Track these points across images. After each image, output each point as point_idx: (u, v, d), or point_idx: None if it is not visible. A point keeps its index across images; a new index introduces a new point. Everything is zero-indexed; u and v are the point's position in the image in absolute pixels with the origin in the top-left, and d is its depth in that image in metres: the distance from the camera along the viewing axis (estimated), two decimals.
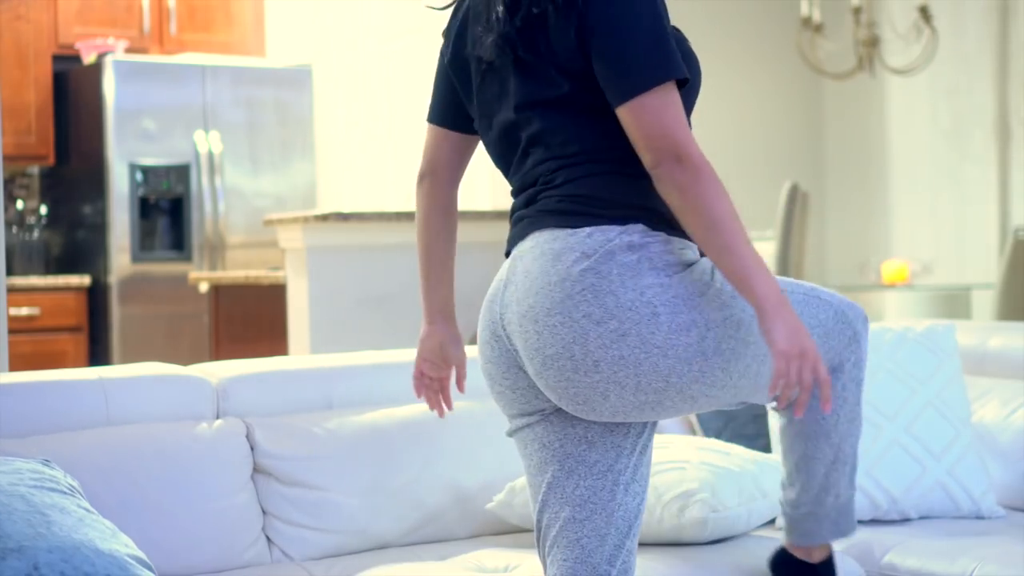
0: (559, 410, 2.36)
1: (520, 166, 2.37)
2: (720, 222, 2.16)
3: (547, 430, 2.38)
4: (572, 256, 2.23)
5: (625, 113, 2.20)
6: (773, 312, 2.14)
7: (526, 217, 2.34)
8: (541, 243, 2.28)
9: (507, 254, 2.40)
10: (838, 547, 2.93)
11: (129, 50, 6.95)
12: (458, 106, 2.49)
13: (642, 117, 2.19)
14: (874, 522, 3.15)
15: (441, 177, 2.69)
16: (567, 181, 2.29)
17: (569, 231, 2.25)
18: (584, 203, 2.26)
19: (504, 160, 2.42)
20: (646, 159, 2.20)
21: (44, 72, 6.86)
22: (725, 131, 8.07)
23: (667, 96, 2.20)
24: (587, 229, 2.24)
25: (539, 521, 2.40)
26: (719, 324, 2.22)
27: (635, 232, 2.24)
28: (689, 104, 2.35)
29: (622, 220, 2.24)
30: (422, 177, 2.72)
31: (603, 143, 2.28)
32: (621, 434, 2.37)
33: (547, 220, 2.29)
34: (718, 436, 3.32)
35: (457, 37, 2.42)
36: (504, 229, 2.46)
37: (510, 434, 2.45)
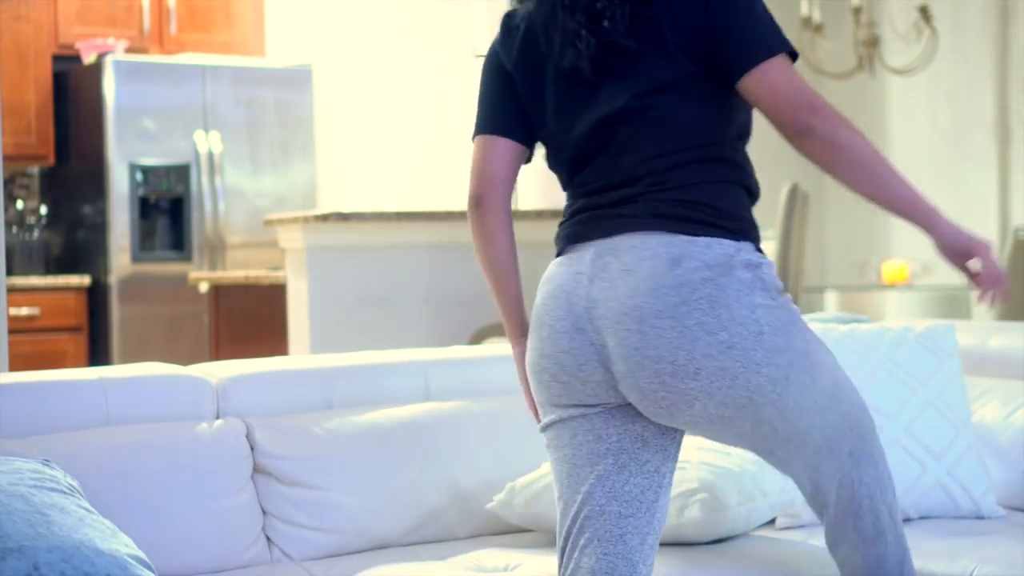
0: (622, 405, 2.39)
1: (608, 165, 2.40)
2: (870, 157, 2.29)
3: (606, 423, 2.40)
4: (693, 264, 2.28)
5: (757, 76, 2.31)
6: (946, 223, 2.32)
7: (620, 216, 2.36)
8: (652, 245, 2.31)
9: (560, 250, 2.44)
10: None
11: (129, 50, 6.95)
12: (517, 115, 2.50)
13: (774, 78, 2.30)
14: None
15: (501, 192, 2.61)
16: (682, 185, 2.34)
17: (687, 238, 2.31)
18: (702, 211, 2.33)
19: (582, 160, 2.44)
20: (783, 118, 2.31)
21: (44, 72, 6.86)
22: None
23: (788, 63, 2.33)
24: (706, 240, 2.30)
25: (578, 512, 2.41)
26: (801, 356, 2.31)
27: (749, 250, 2.32)
28: None
29: (735, 235, 2.33)
30: (480, 196, 2.62)
31: (717, 137, 2.37)
32: (670, 438, 2.43)
33: (657, 223, 2.33)
34: None
35: (524, 44, 2.44)
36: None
37: (550, 424, 2.45)
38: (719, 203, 2.34)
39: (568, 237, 2.46)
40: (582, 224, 2.43)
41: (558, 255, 2.47)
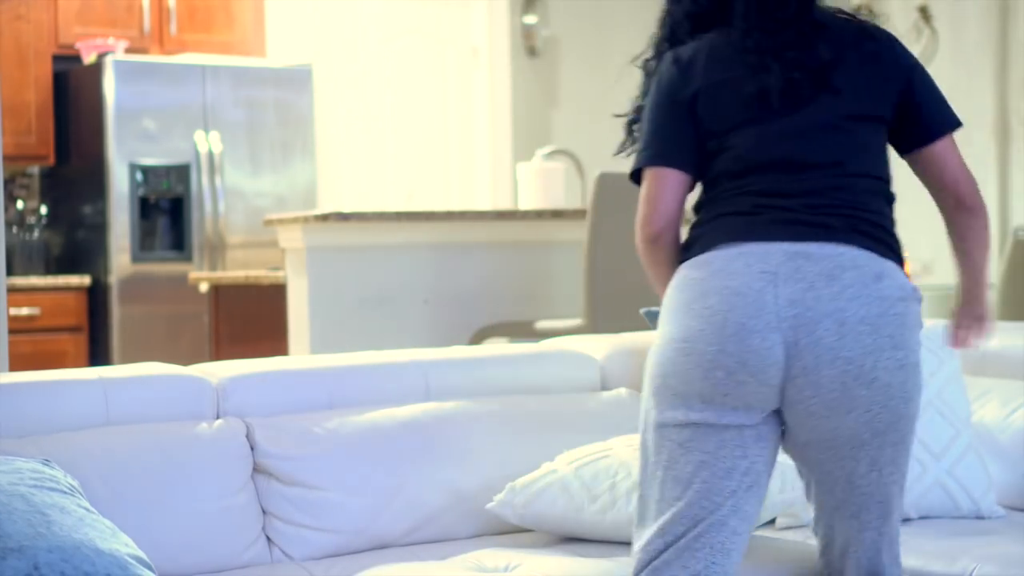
0: (767, 424, 2.51)
1: (799, 173, 2.52)
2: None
3: (756, 443, 2.52)
4: (891, 283, 2.47)
5: (942, 147, 2.60)
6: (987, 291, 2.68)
7: (813, 224, 2.48)
8: (854, 257, 2.46)
9: (714, 244, 2.50)
10: None
11: (129, 50, 6.95)
12: (691, 150, 2.59)
13: (954, 152, 2.60)
14: None
15: (676, 228, 2.65)
16: (876, 210, 2.54)
17: (881, 258, 2.50)
18: (891, 239, 2.54)
19: (767, 167, 2.53)
20: (960, 189, 2.61)
21: (44, 72, 6.86)
22: None
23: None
24: (894, 265, 2.51)
25: (698, 518, 2.49)
26: (918, 409, 2.56)
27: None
28: None
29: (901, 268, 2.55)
30: (658, 234, 2.62)
31: (889, 179, 2.61)
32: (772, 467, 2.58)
33: (857, 239, 2.49)
34: None
35: (708, 71, 2.56)
36: (501, 229, 2.48)
37: (697, 424, 2.48)
38: (894, 237, 2.56)
39: (734, 233, 2.50)
40: (757, 225, 2.49)
41: (710, 248, 2.51)
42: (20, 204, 7.01)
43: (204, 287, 5.72)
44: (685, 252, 2.58)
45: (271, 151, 7.07)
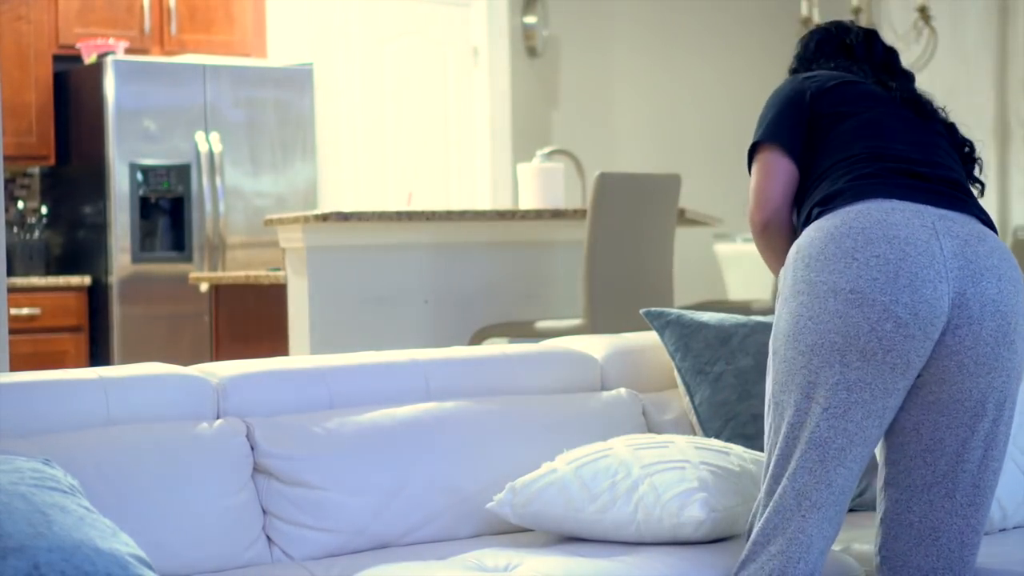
0: (906, 389, 2.58)
1: (931, 160, 2.69)
2: None
3: (893, 409, 2.60)
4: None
5: None
6: None
7: (952, 196, 2.63)
8: (984, 229, 2.62)
9: (859, 195, 2.61)
10: (837, 546, 2.94)
11: (130, 50, 6.95)
12: (803, 146, 2.76)
13: None
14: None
15: (786, 213, 2.81)
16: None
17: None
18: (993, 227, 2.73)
19: (905, 151, 2.69)
20: None
21: (45, 72, 6.86)
22: (725, 132, 8.07)
23: None
24: None
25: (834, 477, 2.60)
26: None
27: None
28: None
29: None
30: (768, 221, 2.79)
31: None
32: None
33: (983, 217, 2.65)
34: (718, 436, 3.33)
35: (832, 77, 2.83)
36: (502, 229, 2.48)
37: (839, 386, 2.54)
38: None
39: (883, 190, 2.59)
40: (904, 188, 2.60)
41: (859, 200, 2.58)
42: (20, 204, 7.01)
43: (204, 287, 5.72)
44: (821, 207, 2.63)
45: (271, 151, 7.07)
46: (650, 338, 3.55)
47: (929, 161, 2.69)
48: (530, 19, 7.96)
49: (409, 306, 5.30)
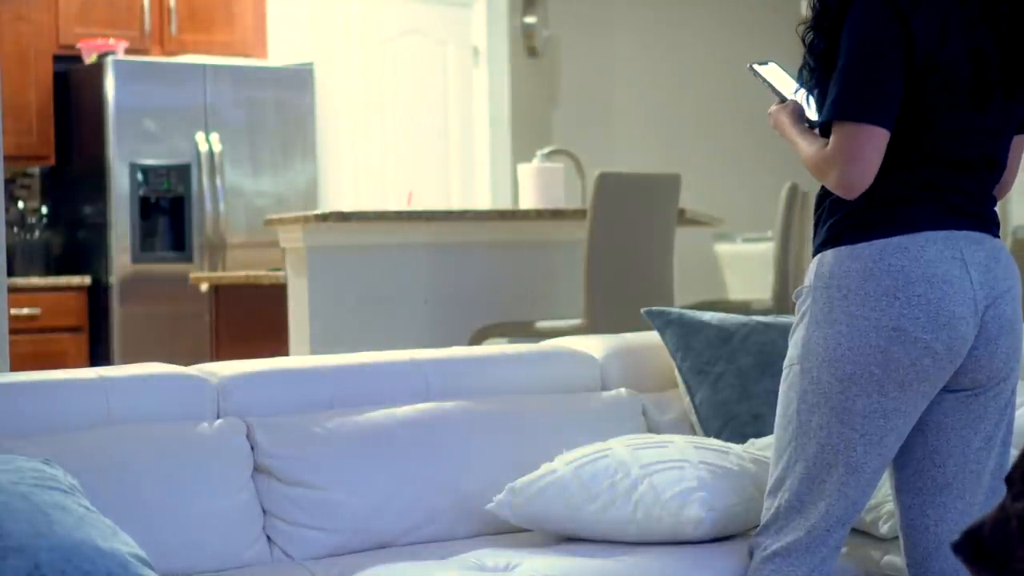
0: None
1: (978, 176, 2.65)
2: None
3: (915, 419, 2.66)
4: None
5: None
6: None
7: (979, 216, 2.65)
8: (998, 245, 2.67)
9: (907, 227, 2.57)
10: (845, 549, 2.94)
11: (130, 50, 6.95)
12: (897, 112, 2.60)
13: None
14: None
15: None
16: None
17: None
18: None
19: (960, 166, 2.62)
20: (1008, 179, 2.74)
21: (45, 72, 6.86)
22: (725, 131, 8.07)
23: None
24: None
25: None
26: None
27: None
28: None
29: None
30: (863, 185, 2.59)
31: None
32: None
33: (995, 230, 2.69)
34: (718, 436, 3.33)
35: (928, 28, 2.55)
36: (502, 229, 2.48)
37: (874, 414, 2.59)
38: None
39: (919, 219, 2.58)
40: (939, 213, 2.59)
41: (896, 232, 2.57)
42: (21, 204, 7.01)
43: (204, 287, 5.72)
44: (859, 232, 2.60)
45: (271, 151, 7.07)
46: (650, 338, 3.56)
47: (969, 187, 2.63)
48: (530, 19, 7.96)
49: (409, 306, 5.30)
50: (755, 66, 2.87)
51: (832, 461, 2.63)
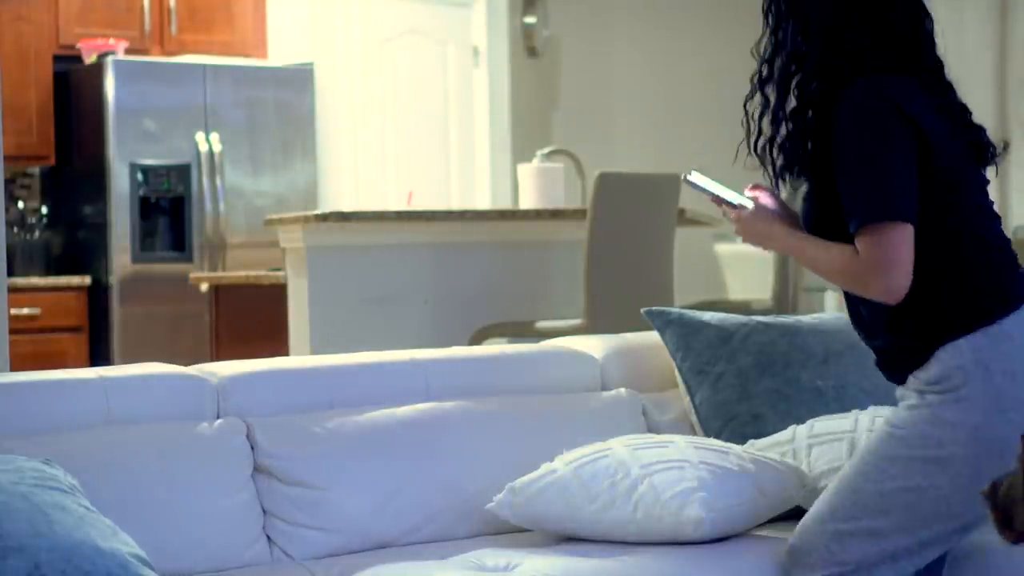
0: None
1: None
2: None
3: None
4: None
5: None
6: None
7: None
8: None
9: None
10: None
11: (130, 50, 6.95)
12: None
13: None
14: None
15: None
16: None
17: None
18: None
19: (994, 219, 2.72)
20: None
21: (45, 72, 6.86)
22: (725, 132, 8.07)
23: None
24: None
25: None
26: None
27: None
28: None
29: None
30: (905, 288, 2.57)
31: None
32: None
33: None
34: (718, 436, 3.33)
35: (926, 114, 2.63)
36: (502, 229, 2.48)
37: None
38: None
39: (1014, 294, 2.60)
40: (1020, 281, 2.63)
41: (1004, 313, 2.57)
42: (21, 204, 7.01)
43: (204, 287, 5.73)
44: (981, 310, 2.57)
45: (271, 151, 7.07)
46: (650, 338, 3.56)
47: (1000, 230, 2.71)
48: (530, 19, 7.97)
49: (409, 306, 5.30)
50: (689, 179, 2.86)
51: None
